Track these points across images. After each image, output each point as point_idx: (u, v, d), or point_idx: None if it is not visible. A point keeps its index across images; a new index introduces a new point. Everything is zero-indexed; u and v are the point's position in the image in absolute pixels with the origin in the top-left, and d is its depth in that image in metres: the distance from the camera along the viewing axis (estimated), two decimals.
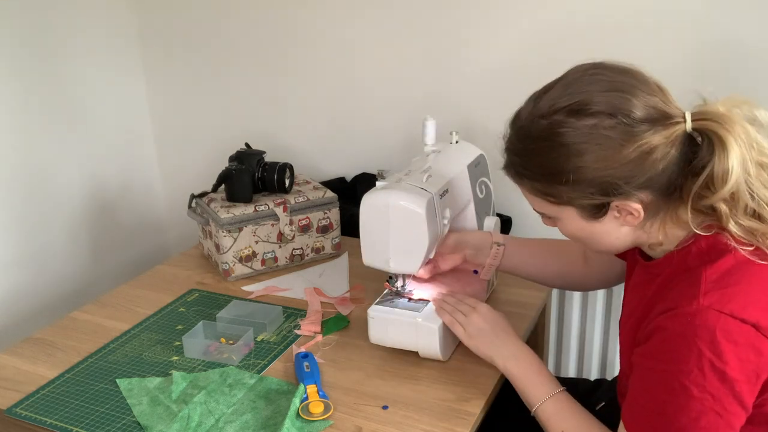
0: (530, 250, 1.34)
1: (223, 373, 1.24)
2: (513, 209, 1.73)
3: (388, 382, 1.21)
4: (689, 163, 0.89)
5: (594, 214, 0.94)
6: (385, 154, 1.88)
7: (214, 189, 1.66)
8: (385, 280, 1.32)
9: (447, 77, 1.76)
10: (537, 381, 1.10)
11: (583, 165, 0.88)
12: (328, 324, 1.39)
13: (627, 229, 0.95)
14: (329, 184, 1.83)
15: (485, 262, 1.33)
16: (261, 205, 1.60)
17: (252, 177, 1.63)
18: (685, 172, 0.90)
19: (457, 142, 1.45)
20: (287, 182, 1.65)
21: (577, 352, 1.82)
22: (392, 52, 1.80)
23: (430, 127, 1.34)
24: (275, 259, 1.63)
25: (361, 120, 1.91)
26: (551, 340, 1.82)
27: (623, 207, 0.91)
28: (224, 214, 1.56)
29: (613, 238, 0.97)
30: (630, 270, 1.10)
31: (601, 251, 1.02)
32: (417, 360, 1.26)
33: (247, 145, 1.75)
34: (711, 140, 0.88)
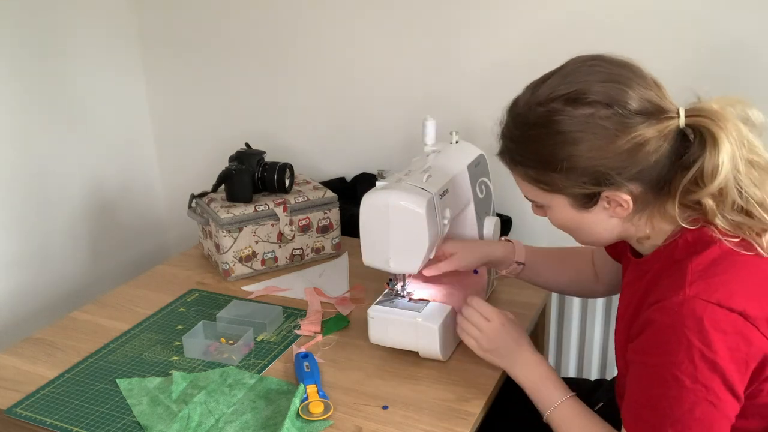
0: (544, 261, 1.34)
1: (223, 373, 1.24)
2: (513, 209, 1.73)
3: (388, 382, 1.21)
4: (680, 157, 0.90)
5: (584, 204, 0.95)
6: (385, 154, 1.88)
7: (214, 189, 1.66)
8: (386, 281, 1.32)
9: (447, 77, 1.75)
10: (547, 388, 1.10)
11: (577, 153, 0.89)
12: (328, 324, 1.39)
13: (615, 221, 0.96)
14: (329, 184, 1.82)
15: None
16: (261, 205, 1.60)
17: (252, 177, 1.63)
18: (675, 166, 0.91)
19: (457, 142, 1.45)
20: (287, 182, 1.65)
21: (577, 352, 1.82)
22: (392, 52, 1.80)
23: (430, 127, 1.34)
24: (275, 259, 1.63)
25: (361, 120, 1.90)
26: (551, 340, 1.82)
27: (613, 198, 0.92)
28: (224, 214, 1.56)
29: (601, 230, 0.98)
30: (624, 269, 1.10)
31: (589, 243, 1.03)
32: (417, 360, 1.26)
33: (247, 145, 1.75)
34: (703, 136, 0.88)
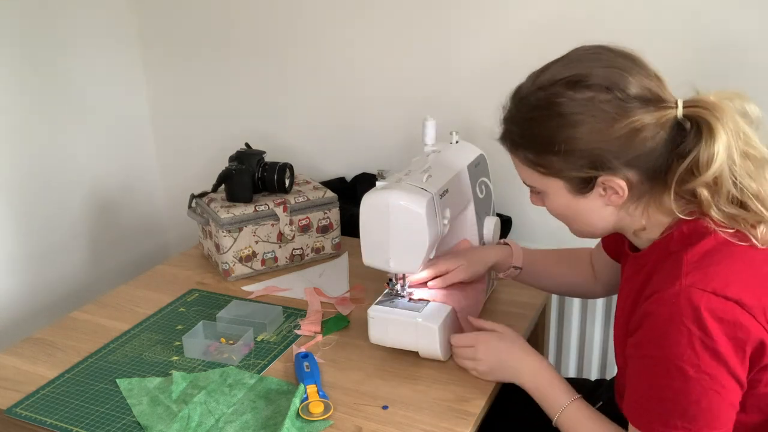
0: (542, 263, 1.34)
1: (223, 373, 1.24)
2: (513, 209, 1.72)
3: (388, 382, 1.21)
4: (676, 147, 0.91)
5: (580, 189, 0.96)
6: (385, 154, 1.88)
7: (214, 189, 1.66)
8: (386, 281, 1.31)
9: (447, 77, 1.75)
10: (554, 392, 1.10)
11: (576, 136, 0.90)
12: (328, 324, 1.39)
13: (611, 209, 0.97)
14: (329, 184, 1.82)
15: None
16: (261, 205, 1.60)
17: (252, 177, 1.63)
18: (671, 156, 0.91)
19: (457, 142, 1.45)
20: (287, 182, 1.65)
21: (577, 352, 1.82)
22: (392, 52, 1.80)
23: (430, 127, 1.34)
24: (275, 259, 1.63)
25: (361, 120, 1.90)
26: (551, 340, 1.82)
27: (609, 184, 0.93)
28: (224, 214, 1.56)
29: (597, 218, 0.99)
30: (623, 266, 1.11)
31: (584, 233, 1.04)
32: (417, 360, 1.26)
33: (247, 145, 1.75)
34: (699, 126, 0.89)
